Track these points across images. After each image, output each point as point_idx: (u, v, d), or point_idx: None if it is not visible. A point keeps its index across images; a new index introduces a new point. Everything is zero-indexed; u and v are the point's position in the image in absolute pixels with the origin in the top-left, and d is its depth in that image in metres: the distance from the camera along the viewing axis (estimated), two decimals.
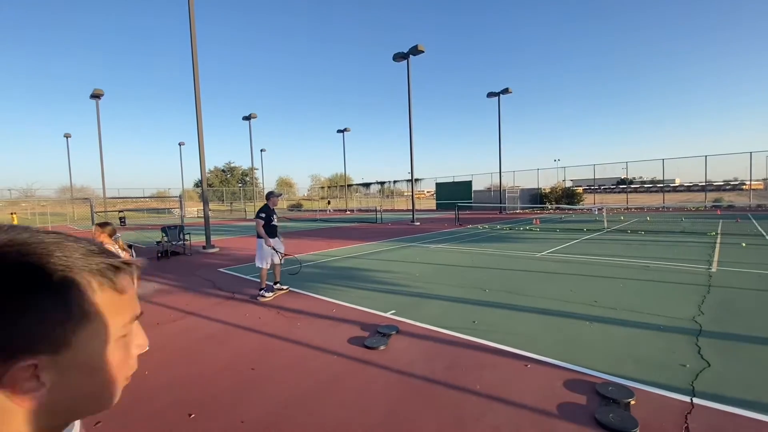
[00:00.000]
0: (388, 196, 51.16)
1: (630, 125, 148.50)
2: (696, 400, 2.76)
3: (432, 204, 41.52)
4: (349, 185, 54.00)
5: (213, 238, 13.26)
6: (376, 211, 25.87)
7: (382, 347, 3.88)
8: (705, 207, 25.15)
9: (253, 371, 3.53)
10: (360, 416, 2.74)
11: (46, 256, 0.40)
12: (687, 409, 2.66)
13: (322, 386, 3.19)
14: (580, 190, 35.66)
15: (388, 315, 4.92)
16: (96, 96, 29.19)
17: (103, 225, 4.31)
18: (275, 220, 6.28)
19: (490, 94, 29.59)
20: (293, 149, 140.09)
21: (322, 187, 64.41)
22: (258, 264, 6.14)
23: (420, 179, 46.16)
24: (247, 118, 34.01)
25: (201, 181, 12.25)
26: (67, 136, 38.69)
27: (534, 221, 19.52)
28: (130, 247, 9.85)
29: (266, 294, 5.88)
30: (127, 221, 13.33)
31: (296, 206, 48.92)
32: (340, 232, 17.07)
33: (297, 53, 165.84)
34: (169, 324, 4.94)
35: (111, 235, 4.26)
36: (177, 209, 34.28)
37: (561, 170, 35.60)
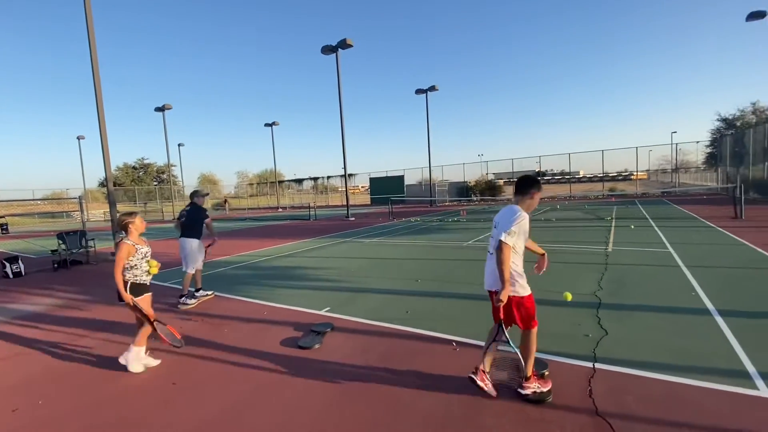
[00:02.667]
0: (322, 192, 50.27)
1: (543, 123, 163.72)
2: (597, 365, 3.14)
3: (367, 199, 41.73)
4: (280, 181, 52.06)
5: None
6: (309, 207, 25.31)
7: (316, 346, 3.82)
8: (603, 195, 28.69)
9: (174, 386, 3.25)
10: (291, 420, 2.67)
11: None
12: (590, 374, 3.02)
13: (251, 394, 3.04)
14: (501, 182, 38.40)
15: (322, 313, 4.85)
16: None
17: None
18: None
19: (418, 91, 30.47)
20: (217, 144, 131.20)
21: (251, 184, 61.22)
22: (186, 268, 5.66)
23: (354, 174, 46.07)
24: (161, 109, 30.90)
25: (106, 180, 10.88)
26: None
27: (461, 213, 20.62)
28: (10, 260, 8.46)
29: (188, 301, 5.45)
30: (9, 228, 11.38)
31: (221, 205, 45.93)
32: (271, 231, 16.42)
33: (219, 40, 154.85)
34: (73, 343, 4.34)
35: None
36: (77, 212, 30.20)
37: (484, 164, 37.95)
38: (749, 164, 21.28)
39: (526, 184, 2.81)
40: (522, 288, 2.72)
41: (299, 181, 53.53)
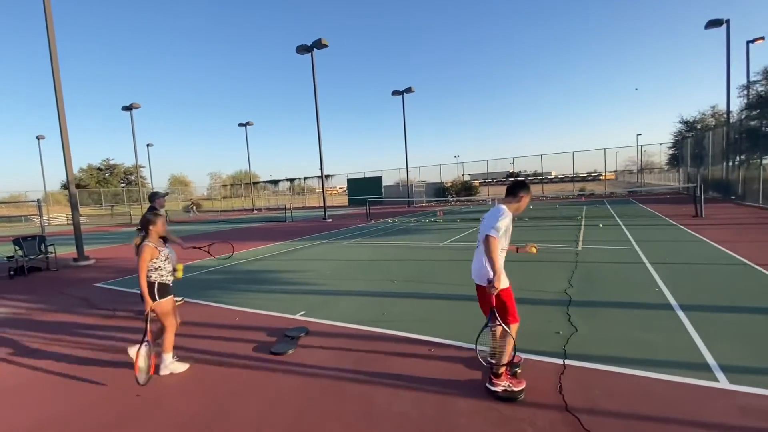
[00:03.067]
0: (299, 194, 49.65)
1: (516, 125, 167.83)
2: (567, 362, 3.21)
3: (344, 200, 41.52)
4: (255, 183, 51.09)
5: (88, 248, 11.41)
6: (285, 209, 24.92)
7: (290, 351, 3.73)
8: (573, 195, 29.65)
9: (138, 398, 3.10)
10: (262, 429, 2.59)
11: None
12: (560, 370, 3.08)
13: (220, 403, 2.94)
14: (476, 183, 39.06)
15: (297, 317, 4.76)
16: None
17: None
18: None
19: (395, 92, 30.60)
20: (189, 145, 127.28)
21: (224, 185, 59.72)
22: None
23: (331, 175, 45.75)
24: (128, 108, 29.72)
25: (68, 182, 10.33)
26: None
27: (438, 213, 20.82)
28: None
29: None
30: None
31: (190, 207, 44.62)
32: (245, 234, 16.05)
33: (189, 36, 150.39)
34: (31, 353, 4.08)
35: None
36: (37, 216, 28.69)
37: (460, 165, 38.65)
38: (708, 165, 22.50)
39: (516, 187, 2.98)
40: (504, 282, 2.82)
41: (275, 182, 52.68)
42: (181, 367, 3.52)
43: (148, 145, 43.94)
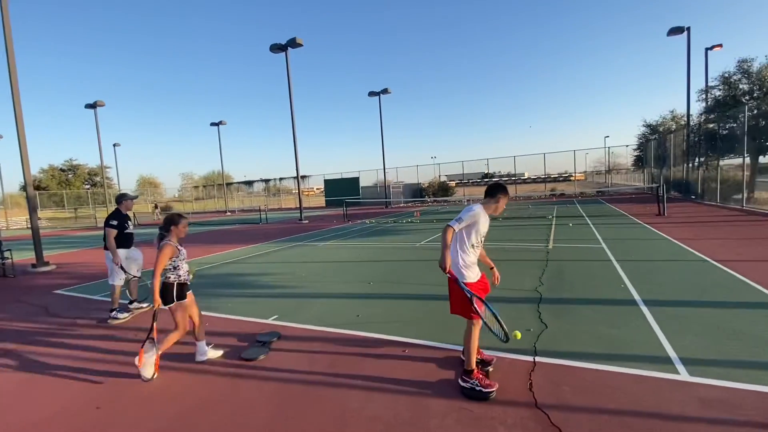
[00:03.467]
0: (274, 195, 48.82)
1: (491, 127, 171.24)
2: (537, 359, 3.27)
3: (321, 201, 41.12)
4: (229, 183, 49.87)
5: (48, 252, 10.82)
6: (260, 210, 24.42)
7: (261, 357, 3.64)
8: (545, 195, 30.50)
9: (98, 410, 2.94)
10: None
11: None
12: (530, 367, 3.14)
13: (188, 413, 2.82)
14: (452, 184, 39.56)
15: (269, 321, 4.65)
16: None
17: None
18: (131, 227, 5.37)
19: (371, 93, 30.57)
20: (159, 145, 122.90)
21: (196, 187, 58.00)
22: (111, 280, 5.17)
23: (308, 176, 45.27)
24: (92, 106, 28.38)
25: (25, 183, 9.75)
26: None
27: (415, 213, 20.94)
28: None
29: (119, 315, 4.98)
30: None
31: (164, 209, 43.10)
32: (217, 236, 15.63)
33: (158, 32, 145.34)
34: None
35: None
36: None
37: (437, 166, 38.99)
38: (670, 166, 23.65)
39: (494, 188, 3.07)
40: (467, 276, 2.93)
41: (249, 183, 51.61)
42: (216, 352, 3.70)
43: (114, 145, 42.22)
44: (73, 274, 8.73)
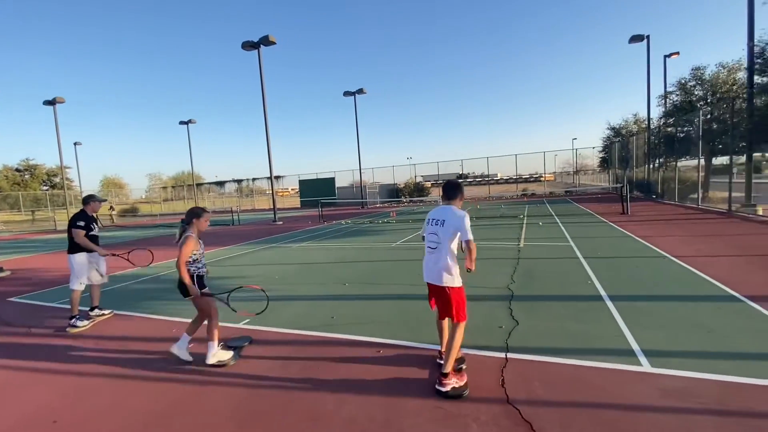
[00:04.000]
0: (247, 195, 47.73)
1: (465, 128, 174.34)
2: (509, 355, 3.33)
3: (297, 201, 40.54)
4: (199, 184, 48.39)
5: (3, 258, 10.18)
6: (232, 211, 23.80)
7: (232, 362, 3.52)
8: (517, 195, 31.30)
9: (55, 424, 2.76)
10: None
11: None
12: (502, 363, 3.19)
13: (150, 425, 2.69)
14: (428, 184, 39.94)
15: (241, 325, 4.53)
16: None
17: None
18: (96, 229, 5.10)
19: (346, 93, 30.43)
20: (125, 144, 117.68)
21: (164, 188, 55.91)
22: (72, 285, 4.88)
23: (282, 176, 44.53)
24: (51, 102, 26.82)
25: None
26: None
27: (391, 214, 20.98)
28: None
29: (79, 323, 4.71)
30: None
31: (130, 211, 41.34)
32: None
33: (120, 26, 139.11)
34: None
35: None
36: None
37: (412, 167, 39.22)
38: (633, 167, 24.79)
39: (457, 186, 3.18)
40: (459, 280, 3.01)
41: (221, 183, 50.23)
42: (227, 354, 3.54)
43: (75, 144, 40.14)
44: (29, 280, 8.20)
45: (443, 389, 2.78)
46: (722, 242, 7.76)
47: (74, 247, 4.87)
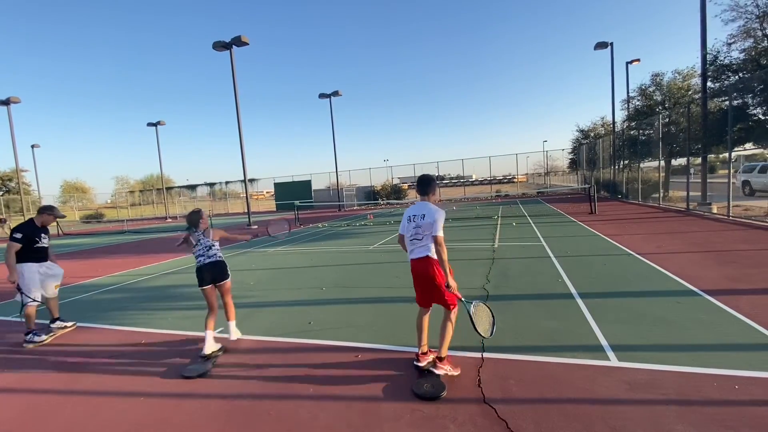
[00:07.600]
0: (220, 199, 46.50)
1: (440, 131, 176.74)
2: (485, 355, 3.39)
3: (272, 205, 39.85)
4: (169, 188, 46.75)
5: None
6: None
7: (205, 373, 3.42)
8: (491, 196, 31.97)
9: None
10: None
11: None
12: (479, 363, 3.24)
13: None
14: (405, 186, 40.19)
15: (216, 333, 4.37)
16: None
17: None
18: (46, 241, 4.78)
19: (322, 95, 30.19)
20: (89, 146, 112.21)
21: (132, 192, 53.70)
22: (23, 300, 4.58)
23: (256, 179, 43.63)
24: (5, 103, 25.27)
25: None
26: None
27: (368, 216, 20.96)
28: None
29: (36, 338, 4.44)
30: None
31: (95, 216, 39.45)
32: (155, 245, 14.55)
33: (82, 22, 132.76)
34: None
35: None
36: None
37: (389, 169, 39.38)
38: (600, 168, 25.81)
39: (430, 181, 3.26)
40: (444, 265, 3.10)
41: (192, 187, 48.69)
42: (216, 346, 3.89)
43: (33, 147, 37.97)
44: None
45: (437, 371, 2.99)
46: (681, 239, 8.20)
47: (24, 257, 4.56)
